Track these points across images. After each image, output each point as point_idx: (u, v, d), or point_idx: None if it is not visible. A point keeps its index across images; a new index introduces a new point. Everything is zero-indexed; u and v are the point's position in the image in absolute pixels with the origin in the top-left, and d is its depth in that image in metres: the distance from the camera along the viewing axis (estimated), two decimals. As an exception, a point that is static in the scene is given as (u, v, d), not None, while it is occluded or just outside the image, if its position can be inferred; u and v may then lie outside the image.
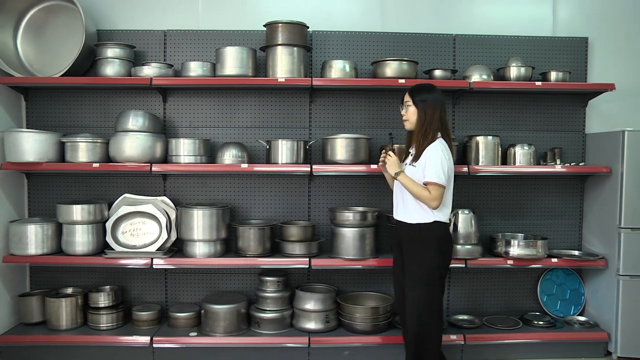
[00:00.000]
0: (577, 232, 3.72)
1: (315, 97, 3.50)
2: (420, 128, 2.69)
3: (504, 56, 3.62)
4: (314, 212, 3.52)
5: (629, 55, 3.73)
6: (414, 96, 2.72)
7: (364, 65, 3.51)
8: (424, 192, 2.62)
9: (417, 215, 2.68)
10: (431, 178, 2.61)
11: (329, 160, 3.22)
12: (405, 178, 2.67)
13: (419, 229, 2.66)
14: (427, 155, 2.64)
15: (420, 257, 2.65)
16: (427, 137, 2.67)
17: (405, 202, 2.72)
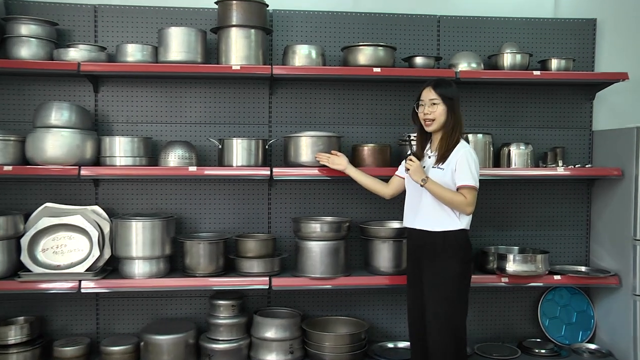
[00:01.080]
0: (584, 245, 3.83)
1: (277, 88, 3.53)
2: (449, 129, 2.81)
3: (496, 41, 3.71)
4: (276, 223, 3.55)
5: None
6: (442, 93, 2.82)
7: (333, 51, 3.55)
8: (459, 198, 2.75)
9: (441, 222, 2.80)
10: (467, 181, 2.75)
11: (293, 162, 3.25)
12: (435, 185, 2.78)
13: (444, 238, 2.78)
14: (459, 156, 2.77)
15: (445, 269, 2.76)
16: (454, 139, 2.81)
17: (426, 208, 2.83)
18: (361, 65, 3.28)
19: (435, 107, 2.82)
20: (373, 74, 3.25)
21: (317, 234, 3.21)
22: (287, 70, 3.24)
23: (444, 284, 2.76)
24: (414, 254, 2.91)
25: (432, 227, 2.81)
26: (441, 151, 2.82)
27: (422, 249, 2.85)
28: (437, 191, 2.77)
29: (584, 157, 3.79)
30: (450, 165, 2.78)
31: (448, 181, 2.79)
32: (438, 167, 2.82)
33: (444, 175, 2.79)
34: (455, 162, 2.78)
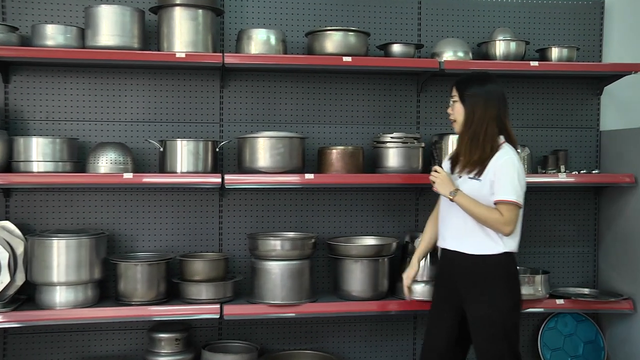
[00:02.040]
0: (591, 264, 3.86)
1: (229, 79, 3.51)
2: (470, 132, 2.78)
3: (487, 27, 3.73)
4: (228, 241, 3.52)
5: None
6: (461, 89, 2.84)
7: (296, 37, 3.56)
8: (494, 215, 2.73)
9: (481, 244, 2.78)
10: (507, 196, 2.72)
11: (248, 167, 3.24)
12: (466, 198, 2.77)
13: (484, 263, 2.76)
14: (499, 166, 2.74)
15: (486, 299, 2.75)
16: (477, 143, 2.77)
17: (464, 226, 2.82)
18: (329, 54, 3.28)
19: (455, 106, 2.85)
20: (343, 64, 3.25)
21: (277, 252, 3.19)
22: (242, 59, 3.22)
23: (489, 320, 2.73)
24: (447, 279, 2.89)
25: (470, 249, 2.79)
26: (465, 158, 2.80)
27: (458, 275, 2.83)
28: (467, 206, 2.76)
29: (590, 161, 3.83)
30: (489, 176, 2.75)
31: (486, 194, 2.76)
32: (475, 178, 2.79)
33: (481, 187, 2.76)
34: (493, 172, 2.74)
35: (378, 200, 3.63)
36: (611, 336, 3.69)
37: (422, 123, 3.67)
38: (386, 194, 3.63)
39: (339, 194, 3.59)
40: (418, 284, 3.28)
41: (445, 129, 3.65)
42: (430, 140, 3.55)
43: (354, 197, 3.61)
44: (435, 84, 3.67)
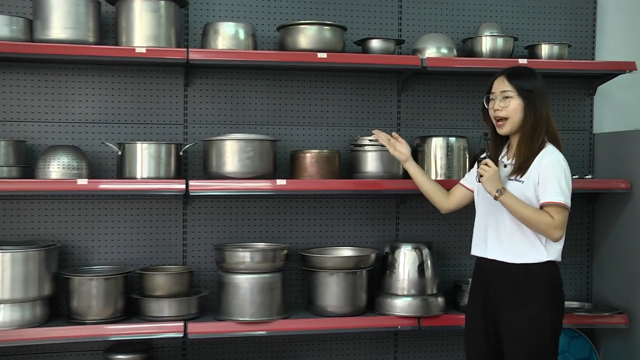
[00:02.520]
0: (584, 275, 3.88)
1: (194, 77, 3.49)
2: (528, 130, 2.76)
3: (473, 21, 3.74)
4: (193, 252, 3.49)
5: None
6: (517, 83, 2.78)
7: (267, 31, 3.54)
8: (544, 218, 2.70)
9: (524, 251, 2.76)
10: (556, 198, 2.70)
11: (215, 173, 3.22)
12: (513, 199, 2.73)
13: (526, 272, 2.74)
14: (544, 166, 2.73)
15: (528, 313, 2.72)
16: (536, 143, 2.76)
17: (503, 231, 2.80)
18: (302, 50, 3.28)
19: (508, 102, 2.77)
20: (317, 61, 3.24)
21: (246, 265, 3.17)
22: (208, 54, 3.20)
23: (530, 335, 2.70)
24: (483, 291, 2.85)
25: (511, 257, 2.77)
26: (520, 159, 2.78)
27: (496, 286, 2.80)
28: (515, 207, 2.71)
29: (583, 166, 3.85)
30: (532, 177, 2.74)
31: (530, 197, 2.75)
32: (516, 179, 2.78)
33: (525, 189, 2.75)
34: (538, 173, 2.73)
35: (356, 208, 3.61)
36: (606, 352, 3.71)
37: (403, 124, 3.66)
38: (364, 201, 3.62)
39: (314, 202, 3.57)
40: (399, 297, 3.30)
41: (428, 131, 3.65)
42: (411, 143, 3.50)
43: (329, 205, 3.58)
44: (417, 83, 3.67)
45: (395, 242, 3.44)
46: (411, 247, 3.36)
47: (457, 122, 3.72)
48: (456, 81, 3.72)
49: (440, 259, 3.62)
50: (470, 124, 3.73)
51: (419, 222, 3.68)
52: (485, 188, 2.77)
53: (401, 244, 3.38)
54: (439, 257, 3.61)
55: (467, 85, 3.73)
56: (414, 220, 3.68)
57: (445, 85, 3.71)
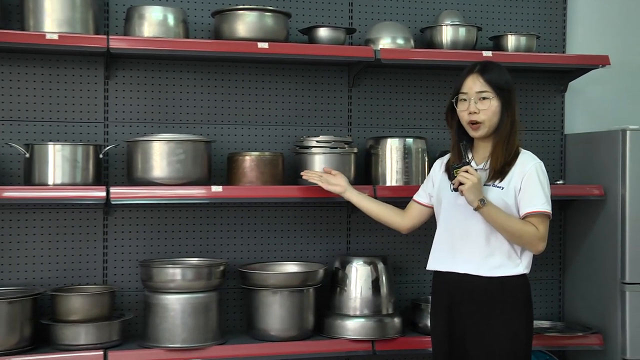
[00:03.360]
0: (555, 292, 3.93)
1: (116, 68, 3.45)
2: (506, 133, 2.82)
3: (432, 9, 3.78)
4: (115, 270, 3.45)
5: (628, 11, 4.05)
6: (495, 82, 2.82)
7: (200, 17, 3.52)
8: (529, 229, 2.77)
9: (500, 264, 2.81)
10: (540, 206, 2.79)
11: (141, 178, 3.18)
12: (497, 210, 2.77)
13: (502, 286, 2.80)
14: (527, 172, 2.81)
15: (504, 330, 2.77)
16: (513, 146, 2.84)
17: (475, 243, 2.84)
18: (241, 39, 3.26)
19: (487, 104, 2.81)
20: (257, 51, 3.24)
21: (177, 283, 3.14)
22: (132, 43, 3.17)
23: (502, 348, 2.77)
24: (451, 309, 2.88)
25: (484, 270, 2.81)
26: (497, 164, 2.83)
27: (465, 303, 2.83)
28: (499, 219, 2.76)
29: (554, 170, 3.91)
30: (514, 183, 2.80)
31: (510, 204, 2.81)
32: (495, 185, 2.83)
33: (504, 195, 2.80)
34: (521, 179, 2.80)
35: (302, 218, 3.60)
36: (579, 376, 3.78)
37: (354, 124, 3.67)
38: (312, 210, 3.62)
39: (254, 211, 3.56)
40: (351, 318, 3.30)
41: (383, 131, 3.67)
42: (364, 145, 3.55)
43: (272, 215, 3.57)
44: (370, 77, 3.69)
45: (346, 256, 3.45)
46: (364, 262, 3.37)
47: (415, 121, 3.74)
48: (414, 75, 3.74)
49: (396, 274, 3.63)
50: (430, 123, 3.76)
51: (373, 234, 3.68)
52: (467, 198, 2.78)
53: (353, 259, 3.38)
54: (395, 273, 3.62)
55: (426, 80, 3.76)
56: (366, 232, 3.67)
57: (401, 79, 3.73)
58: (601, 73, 3.79)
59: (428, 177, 3.09)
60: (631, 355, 3.42)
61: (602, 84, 3.98)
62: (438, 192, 2.98)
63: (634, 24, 4.10)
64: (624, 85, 4.06)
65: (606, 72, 3.79)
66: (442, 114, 3.69)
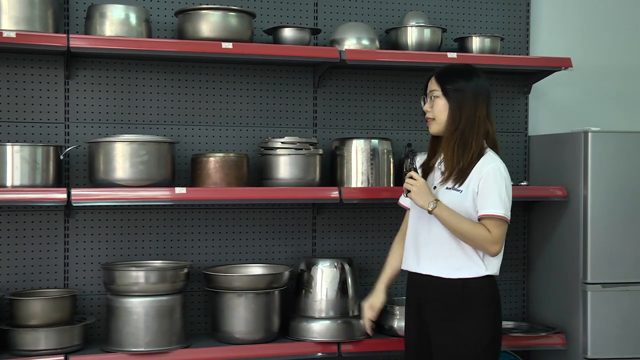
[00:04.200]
0: (520, 292, 3.95)
1: (77, 68, 3.40)
2: (453, 132, 2.84)
3: (397, 9, 3.78)
4: (76, 273, 3.40)
5: (591, 14, 4.10)
6: (444, 82, 2.86)
7: (164, 17, 3.49)
8: (480, 231, 2.79)
9: (461, 266, 2.84)
10: (495, 210, 2.79)
11: (103, 180, 3.14)
12: (448, 211, 2.79)
13: (463, 288, 2.82)
14: (484, 174, 2.81)
15: (467, 332, 2.79)
16: (468, 149, 2.83)
17: (435, 244, 2.87)
18: (205, 39, 3.24)
19: (435, 102, 2.86)
20: (222, 51, 3.22)
21: (140, 286, 3.11)
22: (93, 42, 3.13)
23: (462, 351, 2.79)
24: (418, 310, 2.93)
25: (445, 272, 2.83)
26: (449, 164, 2.86)
27: (430, 304, 2.87)
28: (450, 221, 2.79)
29: (518, 171, 3.93)
30: (472, 186, 2.82)
31: (468, 208, 2.82)
32: (454, 189, 2.85)
33: (463, 199, 2.82)
34: (478, 182, 2.81)
35: (267, 219, 3.59)
36: (542, 377, 3.80)
37: (319, 124, 3.66)
38: (277, 211, 3.60)
39: (218, 213, 3.53)
40: (316, 320, 3.28)
41: (348, 132, 3.66)
42: (329, 146, 3.54)
43: (236, 217, 3.55)
44: (336, 78, 3.68)
45: (311, 258, 3.44)
46: (329, 264, 3.36)
47: (381, 122, 3.75)
48: (379, 76, 3.74)
49: (362, 276, 3.63)
50: (396, 124, 3.77)
51: (338, 235, 3.68)
52: (416, 203, 2.84)
53: (318, 260, 3.37)
54: (361, 275, 3.62)
55: (392, 81, 3.76)
56: (332, 233, 3.67)
57: (367, 80, 3.73)
58: (564, 75, 3.83)
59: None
60: (592, 354, 3.44)
61: (565, 86, 4.01)
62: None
63: (595, 27, 4.13)
64: (586, 87, 4.10)
65: (569, 74, 3.82)
66: (408, 115, 3.80)
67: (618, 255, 3.49)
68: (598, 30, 4.13)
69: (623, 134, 3.59)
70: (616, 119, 4.12)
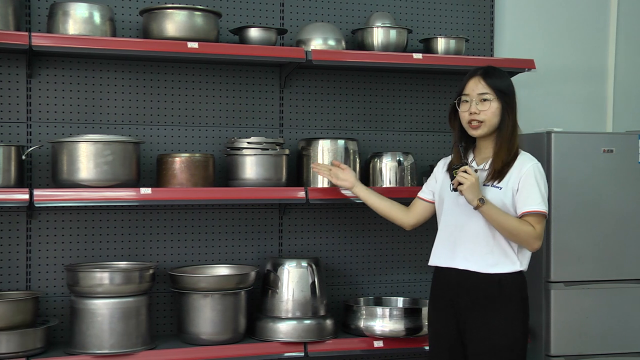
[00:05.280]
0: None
1: (39, 67, 3.35)
2: (507, 134, 2.93)
3: (363, 10, 3.78)
4: (39, 275, 3.35)
5: (553, 16, 4.15)
6: (496, 85, 2.93)
7: (128, 15, 3.45)
8: (526, 228, 2.86)
9: (497, 261, 2.91)
10: (537, 206, 2.88)
11: (66, 180, 3.10)
12: (495, 209, 2.86)
13: (499, 283, 2.89)
14: (524, 173, 2.90)
15: (502, 324, 2.87)
16: (513, 148, 2.95)
17: (474, 240, 2.94)
18: (170, 38, 3.21)
19: (487, 105, 2.91)
20: (187, 51, 3.19)
21: (105, 288, 3.07)
22: (55, 40, 3.08)
23: (500, 344, 2.86)
24: (449, 305, 2.98)
25: (483, 267, 2.90)
26: (498, 164, 2.93)
27: (466, 297, 2.93)
28: (498, 218, 2.85)
29: (481, 171, 3.96)
30: (511, 184, 2.90)
31: (508, 204, 2.90)
32: (493, 186, 2.93)
33: (503, 196, 2.90)
34: (518, 179, 2.90)
35: (233, 220, 3.57)
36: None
37: (286, 125, 3.65)
38: (243, 212, 3.58)
39: (184, 213, 3.50)
40: (283, 321, 3.28)
41: (315, 132, 3.66)
42: (296, 146, 3.53)
43: (202, 217, 3.53)
44: (302, 78, 3.67)
45: (278, 259, 3.42)
46: (296, 264, 3.34)
47: (347, 122, 3.74)
48: (345, 76, 3.74)
49: (328, 276, 3.63)
50: (362, 124, 3.77)
51: (305, 236, 3.67)
52: (466, 197, 2.89)
53: (285, 261, 3.36)
54: (327, 275, 3.62)
55: (358, 81, 3.76)
56: (298, 234, 3.66)
57: (333, 81, 3.73)
58: (527, 76, 3.85)
59: (432, 175, 3.20)
60: (555, 352, 3.49)
61: (528, 87, 4.04)
62: (440, 190, 3.08)
63: (558, 30, 4.18)
64: (549, 89, 4.14)
65: (532, 75, 3.86)
66: (374, 115, 3.82)
67: (580, 254, 3.54)
68: (560, 32, 4.18)
69: (585, 134, 3.64)
70: (578, 119, 4.17)
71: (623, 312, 3.58)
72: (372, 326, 3.38)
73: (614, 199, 3.58)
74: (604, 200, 3.56)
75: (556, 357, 3.50)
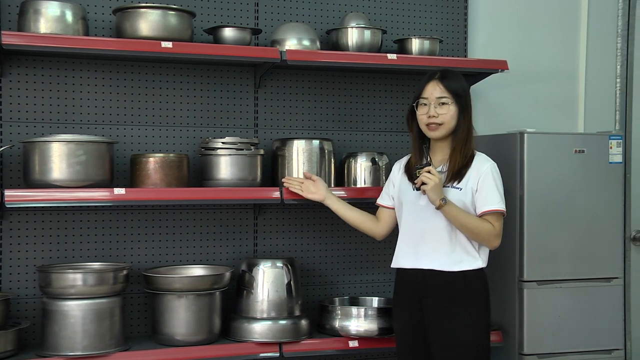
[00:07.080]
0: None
1: (10, 66, 3.30)
2: (463, 137, 3.01)
3: (338, 10, 3.78)
4: (10, 276, 3.30)
5: (526, 18, 4.17)
6: (453, 88, 3.01)
7: (102, 14, 3.42)
8: (486, 226, 2.97)
9: (461, 259, 3.00)
10: (495, 205, 2.99)
11: (38, 180, 3.06)
12: (457, 208, 2.95)
13: (464, 280, 2.99)
14: (483, 173, 3.01)
15: (468, 320, 2.97)
16: (469, 149, 3.05)
17: (436, 240, 3.01)
18: (143, 38, 3.18)
19: (446, 108, 2.99)
20: (161, 51, 3.16)
21: (77, 289, 3.04)
22: (26, 39, 3.03)
23: (466, 339, 2.96)
24: (414, 305, 3.04)
25: (448, 265, 2.99)
26: (455, 165, 3.01)
27: (431, 297, 3.00)
28: (459, 217, 2.94)
29: (458, 171, 3.97)
30: (470, 184, 3.00)
31: (467, 204, 3.00)
32: (453, 186, 3.00)
33: (463, 197, 2.99)
34: (477, 180, 3.00)
35: (207, 220, 3.55)
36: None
37: (260, 125, 3.63)
38: (217, 212, 3.56)
39: (158, 214, 3.48)
40: (258, 321, 3.26)
41: (289, 132, 3.64)
42: (271, 146, 3.52)
43: (177, 217, 3.50)
44: (276, 78, 3.66)
45: (252, 259, 3.40)
46: (271, 264, 3.33)
47: (322, 122, 3.74)
48: (320, 77, 3.74)
49: (303, 276, 3.62)
50: (337, 125, 3.76)
51: (280, 236, 3.66)
52: (429, 197, 2.95)
53: (260, 261, 3.34)
54: (303, 275, 3.61)
55: (332, 82, 3.76)
56: (273, 234, 3.64)
57: (307, 81, 3.72)
58: (501, 77, 3.87)
59: (388, 179, 3.25)
60: (528, 350, 3.49)
61: (502, 88, 4.06)
62: (399, 193, 3.13)
63: (530, 31, 4.20)
64: (521, 90, 4.16)
65: (505, 76, 3.88)
66: (349, 115, 3.81)
67: (552, 253, 3.54)
68: (533, 34, 4.20)
69: (557, 135, 3.65)
70: (550, 120, 4.19)
71: (595, 310, 3.59)
72: (347, 326, 3.37)
73: (586, 198, 3.57)
74: (575, 200, 3.56)
75: (529, 355, 3.49)
